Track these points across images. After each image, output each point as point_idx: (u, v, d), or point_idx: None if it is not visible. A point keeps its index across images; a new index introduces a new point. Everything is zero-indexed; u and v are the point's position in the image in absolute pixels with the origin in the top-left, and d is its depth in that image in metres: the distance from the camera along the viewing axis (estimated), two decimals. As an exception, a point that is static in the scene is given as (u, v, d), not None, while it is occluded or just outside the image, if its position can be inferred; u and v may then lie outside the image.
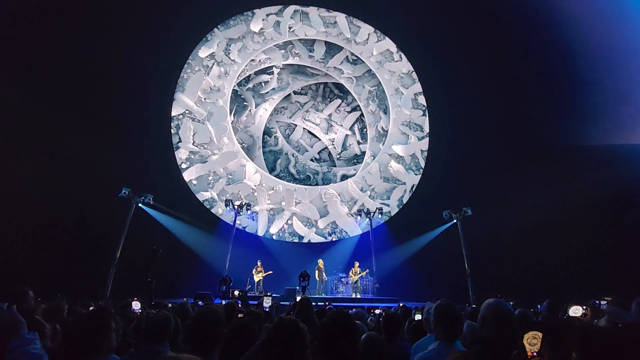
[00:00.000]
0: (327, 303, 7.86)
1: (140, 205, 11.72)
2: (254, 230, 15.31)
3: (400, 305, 5.30)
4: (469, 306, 7.57)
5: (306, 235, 15.66)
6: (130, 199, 11.36)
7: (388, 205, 15.98)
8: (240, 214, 14.32)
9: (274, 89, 17.78)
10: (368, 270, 13.26)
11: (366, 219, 15.17)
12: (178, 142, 14.63)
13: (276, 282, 12.88)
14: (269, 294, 6.24)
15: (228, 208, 14.31)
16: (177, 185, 14.20)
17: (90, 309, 4.05)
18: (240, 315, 3.35)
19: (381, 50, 16.57)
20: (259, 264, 13.01)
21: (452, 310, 2.13)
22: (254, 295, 10.82)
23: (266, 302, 3.51)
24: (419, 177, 15.98)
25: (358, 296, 12.78)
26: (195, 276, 12.38)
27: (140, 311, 4.01)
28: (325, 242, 15.68)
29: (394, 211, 15.95)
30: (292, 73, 17.93)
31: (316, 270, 13.13)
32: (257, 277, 12.75)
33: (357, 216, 15.60)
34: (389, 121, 16.60)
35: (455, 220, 13.24)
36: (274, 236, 15.46)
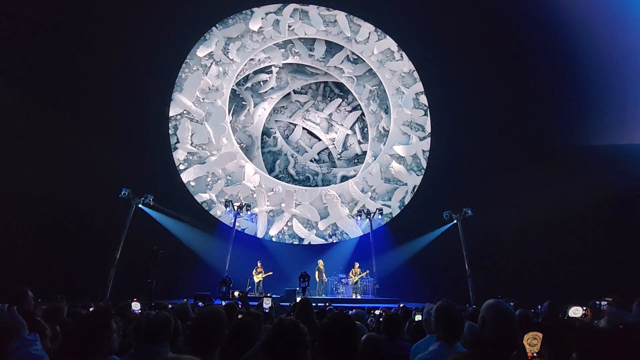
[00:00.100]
0: (327, 304, 7.85)
1: (140, 206, 11.72)
2: (253, 232, 15.20)
3: (401, 306, 5.30)
4: (470, 307, 7.57)
5: (306, 237, 15.52)
6: (130, 200, 11.36)
7: (389, 206, 15.85)
8: (240, 215, 14.27)
9: (273, 88, 17.67)
10: (368, 271, 13.23)
11: (366, 220, 15.12)
12: (176, 143, 14.47)
13: (276, 283, 12.87)
14: (269, 294, 6.23)
15: (228, 209, 14.25)
16: (176, 187, 14.13)
17: (91, 309, 4.06)
18: (240, 316, 3.35)
19: (382, 49, 16.47)
20: (259, 264, 12.98)
21: (453, 311, 2.13)
22: (254, 296, 10.80)
23: (266, 303, 3.52)
24: (421, 178, 15.88)
25: (358, 297, 12.76)
26: (196, 277, 12.38)
27: (140, 312, 4.00)
28: (326, 244, 15.58)
29: (396, 212, 15.81)
30: (291, 72, 17.85)
31: (316, 271, 13.10)
32: (257, 278, 12.72)
33: (357, 217, 15.55)
34: (390, 121, 16.50)
35: (455, 221, 13.24)
36: (274, 238, 15.33)
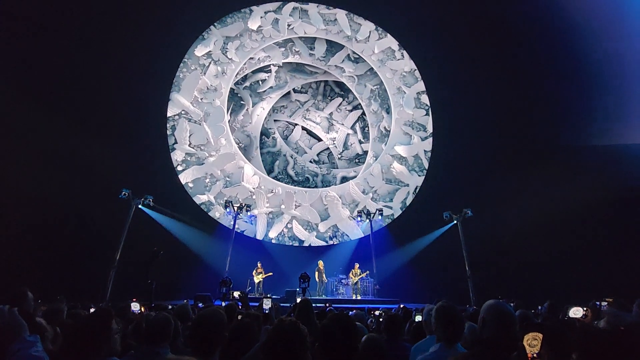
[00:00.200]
0: (328, 304, 7.84)
1: (140, 206, 11.72)
2: (253, 234, 15.05)
3: (401, 307, 5.30)
4: (470, 307, 7.57)
5: (306, 239, 15.33)
6: (130, 201, 11.36)
7: (391, 207, 15.68)
8: (240, 216, 14.24)
9: (272, 87, 17.51)
10: (368, 272, 13.23)
11: (366, 220, 15.07)
12: (174, 144, 14.29)
13: (276, 284, 12.86)
14: (269, 295, 6.22)
15: (227, 210, 14.21)
16: (175, 188, 14.07)
17: (91, 310, 4.05)
18: (240, 316, 3.35)
19: (383, 48, 16.37)
20: (259, 265, 12.97)
21: (453, 312, 2.12)
22: (254, 296, 10.79)
23: (266, 304, 3.51)
24: (422, 179, 15.74)
25: (358, 297, 12.75)
26: (196, 278, 12.37)
27: (140, 313, 4.00)
28: (326, 245, 15.45)
29: (397, 214, 15.66)
30: (291, 71, 17.71)
31: (316, 272, 13.10)
32: (257, 279, 12.72)
33: (358, 217, 15.50)
34: (392, 121, 16.37)
35: (455, 222, 13.23)
36: (273, 240, 15.17)
